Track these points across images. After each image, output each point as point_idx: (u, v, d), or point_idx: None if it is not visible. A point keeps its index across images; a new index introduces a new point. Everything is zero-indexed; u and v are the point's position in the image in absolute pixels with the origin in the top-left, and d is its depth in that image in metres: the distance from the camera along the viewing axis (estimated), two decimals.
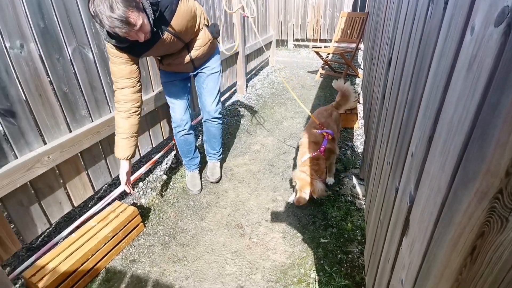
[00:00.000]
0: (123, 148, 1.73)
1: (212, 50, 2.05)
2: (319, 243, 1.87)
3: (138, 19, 1.34)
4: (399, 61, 1.13)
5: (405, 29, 1.10)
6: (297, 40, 7.49)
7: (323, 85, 4.73)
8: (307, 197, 2.01)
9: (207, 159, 2.56)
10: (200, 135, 3.26)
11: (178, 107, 2.10)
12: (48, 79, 1.60)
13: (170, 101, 2.10)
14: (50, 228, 2.04)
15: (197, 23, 1.81)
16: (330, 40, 6.12)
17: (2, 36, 1.34)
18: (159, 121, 2.54)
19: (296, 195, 2.03)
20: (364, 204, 2.14)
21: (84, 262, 1.62)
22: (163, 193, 2.38)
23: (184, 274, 1.71)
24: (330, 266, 1.72)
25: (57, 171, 1.71)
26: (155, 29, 1.52)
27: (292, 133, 3.26)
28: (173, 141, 2.74)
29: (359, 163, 2.59)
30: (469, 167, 0.40)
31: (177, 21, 1.63)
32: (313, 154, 2.08)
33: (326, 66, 5.22)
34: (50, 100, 1.61)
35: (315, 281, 1.64)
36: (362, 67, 5.29)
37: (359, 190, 2.28)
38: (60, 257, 1.58)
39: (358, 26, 4.87)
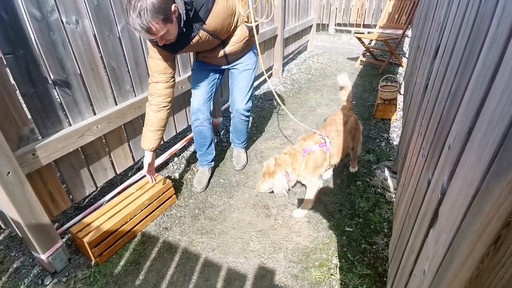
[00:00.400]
0: (149, 139, 1.80)
1: (248, 47, 2.00)
2: (344, 231, 1.88)
3: (160, 30, 1.36)
4: (447, 49, 1.07)
5: (458, 14, 1.03)
6: (338, 24, 7.19)
7: (363, 73, 4.54)
8: (265, 188, 1.92)
9: (232, 146, 2.61)
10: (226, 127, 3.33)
11: (198, 96, 2.04)
12: (99, 54, 1.72)
13: (193, 87, 2.07)
14: (96, 191, 2.25)
15: (235, 20, 1.75)
16: (374, 26, 5.80)
17: (59, 11, 1.46)
18: None
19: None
20: (394, 197, 2.09)
21: (124, 224, 1.79)
22: (195, 169, 2.50)
23: (210, 246, 1.82)
24: (353, 255, 1.72)
25: (103, 140, 1.87)
26: (185, 30, 1.53)
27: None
28: None
29: (393, 156, 2.50)
30: (505, 157, 0.40)
31: (213, 19, 1.61)
32: (304, 149, 1.88)
33: (368, 53, 4.99)
34: (100, 74, 1.74)
35: (336, 266, 1.67)
36: (407, 56, 4.98)
37: (390, 183, 2.22)
38: (104, 218, 1.76)
39: (407, 11, 4.55)
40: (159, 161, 2.45)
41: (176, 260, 1.74)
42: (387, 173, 2.32)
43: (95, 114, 1.77)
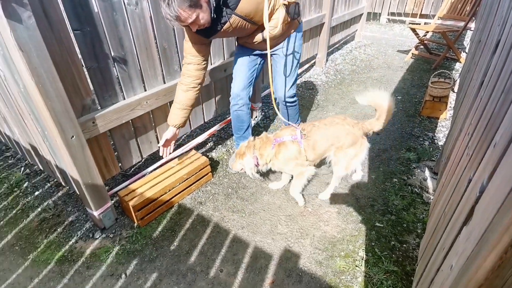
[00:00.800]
0: (174, 116, 1.87)
1: (289, 31, 1.93)
2: (374, 226, 1.86)
3: (188, 17, 1.42)
4: (507, 43, 1.00)
5: None
6: (392, 14, 6.75)
7: (413, 67, 4.27)
8: (237, 167, 1.98)
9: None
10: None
11: (237, 81, 2.07)
12: (153, 34, 1.84)
13: (234, 72, 2.10)
14: (140, 162, 2.45)
15: (271, 4, 1.67)
16: (433, 16, 5.37)
17: None
18: None
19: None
20: (432, 198, 2.00)
21: (163, 194, 1.95)
22: (232, 151, 2.60)
23: (240, 224, 1.92)
24: (381, 250, 1.71)
25: (151, 115, 2.02)
26: (216, 15, 1.55)
27: (366, 114, 3.11)
28: None
29: (437, 156, 2.37)
30: None
31: (245, 4, 1.59)
32: (275, 138, 1.87)
33: (422, 46, 4.66)
34: (153, 54, 1.87)
35: (362, 259, 1.67)
36: (466, 50, 4.57)
37: (430, 183, 2.12)
38: (146, 186, 1.93)
39: (472, 0, 4.14)
40: (199, 140, 2.58)
41: (208, 233, 1.86)
42: (427, 173, 2.22)
43: (145, 90, 1.91)
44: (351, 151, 1.87)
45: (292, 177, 2.04)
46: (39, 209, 2.04)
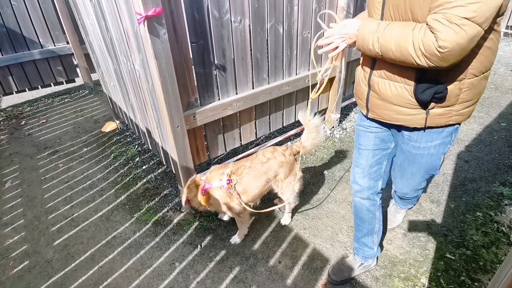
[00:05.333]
0: None
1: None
2: (443, 256, 1.76)
3: None
4: None
5: None
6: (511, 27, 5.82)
7: None
8: (182, 202, 1.80)
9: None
10: None
11: (358, 165, 1.52)
12: (249, 46, 2.13)
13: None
14: (223, 154, 2.81)
15: None
16: None
17: (230, 12, 1.90)
18: None
19: None
20: None
21: None
22: (304, 157, 2.74)
23: (303, 225, 2.05)
24: (447, 282, 1.62)
25: (238, 115, 2.32)
26: None
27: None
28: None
29: None
30: None
31: None
32: (204, 184, 1.75)
33: None
34: (247, 63, 2.16)
35: (424, 286, 1.62)
36: None
37: None
38: None
39: None
40: (275, 141, 2.80)
41: (272, 227, 2.05)
42: None
43: (236, 93, 2.22)
44: (290, 178, 1.87)
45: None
46: (144, 180, 2.56)
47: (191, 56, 1.85)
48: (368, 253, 1.65)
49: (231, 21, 1.92)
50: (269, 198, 2.22)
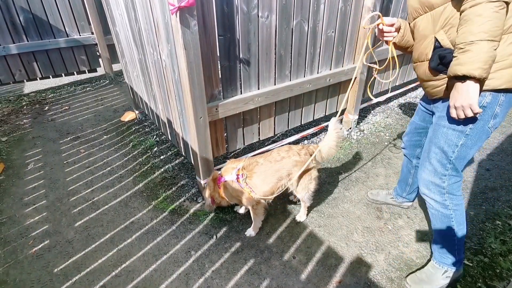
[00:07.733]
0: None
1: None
2: None
3: None
4: None
5: None
6: None
7: None
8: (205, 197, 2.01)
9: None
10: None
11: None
12: (274, 42, 2.14)
13: None
14: (240, 149, 2.83)
15: None
16: None
17: (258, 8, 1.92)
18: (337, 95, 2.82)
19: None
20: None
21: None
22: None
23: (318, 223, 2.06)
24: (463, 287, 1.61)
25: (258, 110, 2.34)
26: None
27: None
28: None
29: None
30: None
31: None
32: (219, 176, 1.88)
33: None
34: (270, 59, 2.17)
35: None
36: None
37: None
38: None
39: None
40: (292, 139, 2.81)
41: (287, 222, 2.07)
42: None
43: (258, 89, 2.23)
44: (305, 177, 1.89)
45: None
46: (161, 170, 2.61)
47: (217, 49, 1.88)
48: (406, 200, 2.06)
49: (258, 16, 1.94)
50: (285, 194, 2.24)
